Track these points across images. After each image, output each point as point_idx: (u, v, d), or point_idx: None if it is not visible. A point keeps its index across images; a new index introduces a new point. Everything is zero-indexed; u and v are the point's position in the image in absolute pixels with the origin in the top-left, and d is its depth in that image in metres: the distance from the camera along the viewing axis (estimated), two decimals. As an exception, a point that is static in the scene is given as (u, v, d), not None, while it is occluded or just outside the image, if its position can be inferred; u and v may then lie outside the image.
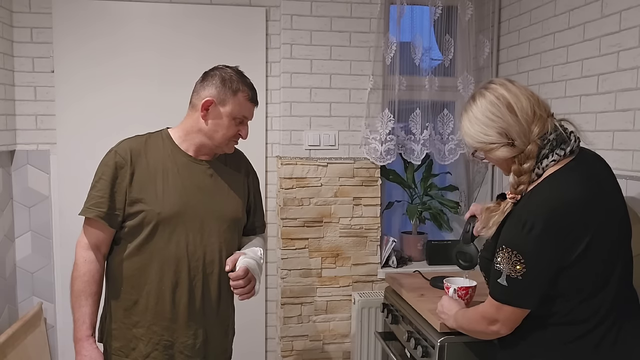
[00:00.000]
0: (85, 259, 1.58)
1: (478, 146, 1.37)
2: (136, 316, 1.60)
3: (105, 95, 2.59)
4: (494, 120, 1.32)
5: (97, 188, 1.57)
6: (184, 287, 1.59)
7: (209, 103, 1.57)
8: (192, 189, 1.61)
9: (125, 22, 2.58)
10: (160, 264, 1.58)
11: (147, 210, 1.55)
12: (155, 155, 1.61)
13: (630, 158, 1.76)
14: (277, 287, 2.75)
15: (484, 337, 1.47)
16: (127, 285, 1.60)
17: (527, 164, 1.31)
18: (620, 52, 1.81)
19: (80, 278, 1.56)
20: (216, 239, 1.63)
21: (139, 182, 1.57)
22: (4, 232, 2.50)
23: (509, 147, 1.32)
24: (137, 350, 1.60)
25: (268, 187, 2.77)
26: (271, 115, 2.74)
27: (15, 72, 2.55)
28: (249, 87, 1.63)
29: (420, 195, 2.87)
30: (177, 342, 1.61)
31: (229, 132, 1.60)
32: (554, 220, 1.23)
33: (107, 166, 1.57)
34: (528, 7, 2.38)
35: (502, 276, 1.29)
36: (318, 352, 2.72)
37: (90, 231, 1.59)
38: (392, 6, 2.62)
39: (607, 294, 1.29)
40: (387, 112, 2.61)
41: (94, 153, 2.59)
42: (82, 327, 1.55)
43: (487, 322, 1.38)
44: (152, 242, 1.57)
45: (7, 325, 2.42)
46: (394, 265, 2.73)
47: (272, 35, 2.70)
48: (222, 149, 1.65)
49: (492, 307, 1.36)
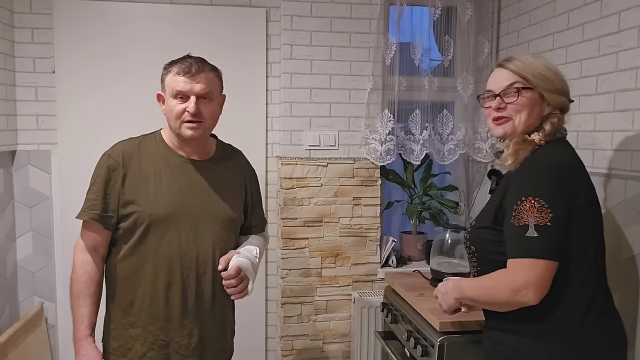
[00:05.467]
0: (83, 260, 1.61)
1: (530, 78, 1.39)
2: (132, 316, 1.62)
3: (106, 96, 2.59)
4: (556, 74, 1.42)
5: (92, 191, 1.61)
6: (177, 287, 1.60)
7: (159, 96, 1.65)
8: (186, 190, 1.62)
9: (126, 23, 2.59)
10: (153, 265, 1.59)
11: (139, 212, 1.57)
12: (148, 157, 1.63)
13: (630, 158, 1.77)
14: (277, 287, 2.75)
15: (504, 308, 1.36)
16: (123, 286, 1.62)
17: (555, 119, 1.40)
18: (620, 52, 1.81)
19: (78, 280, 1.59)
20: (210, 239, 1.63)
21: (132, 184, 1.59)
22: (5, 232, 2.50)
23: (553, 95, 1.40)
24: (134, 350, 1.61)
25: (268, 187, 2.77)
26: (271, 116, 2.74)
27: (16, 73, 2.56)
28: (181, 62, 1.57)
29: (419, 195, 2.88)
30: (172, 342, 1.62)
31: (173, 113, 1.57)
32: (560, 168, 1.31)
33: (101, 169, 1.61)
34: (527, 7, 2.39)
35: (530, 228, 1.28)
36: (318, 352, 2.72)
37: (87, 233, 1.62)
38: (391, 7, 2.63)
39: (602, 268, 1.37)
40: (386, 113, 2.62)
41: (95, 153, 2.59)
42: (81, 327, 1.58)
43: (513, 292, 1.29)
44: (145, 243, 1.59)
45: (8, 324, 2.42)
46: (393, 265, 2.74)
47: (272, 35, 2.70)
48: (181, 134, 1.58)
49: (521, 270, 1.28)
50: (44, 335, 2.58)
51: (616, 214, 1.78)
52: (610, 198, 1.81)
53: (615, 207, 1.79)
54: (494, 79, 1.46)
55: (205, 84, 1.57)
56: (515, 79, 1.40)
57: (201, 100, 1.57)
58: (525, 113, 1.40)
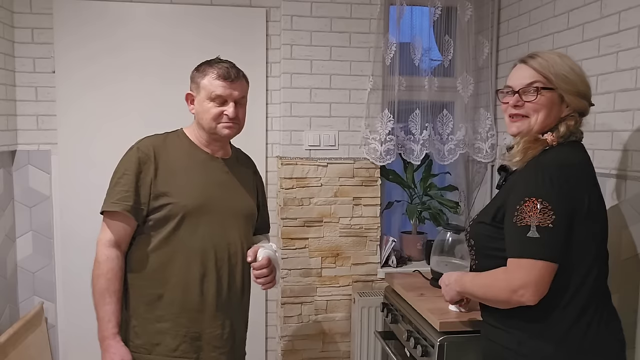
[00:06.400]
0: (108, 256, 1.57)
1: (552, 78, 1.37)
2: (160, 310, 1.60)
3: (106, 96, 2.59)
4: (579, 76, 1.39)
5: (122, 184, 1.57)
6: (211, 278, 1.62)
7: (189, 96, 1.67)
8: (212, 185, 1.67)
9: (126, 23, 2.59)
10: (186, 256, 1.60)
11: (174, 203, 1.58)
12: (174, 152, 1.65)
13: (630, 158, 1.77)
14: (277, 287, 2.75)
15: (503, 306, 1.36)
16: (149, 279, 1.60)
17: (573, 121, 1.39)
18: (620, 52, 1.81)
19: (103, 276, 1.55)
20: (237, 232, 1.69)
21: (163, 176, 1.60)
22: (5, 232, 2.50)
23: (574, 97, 1.38)
24: (163, 345, 1.60)
25: (268, 187, 2.77)
26: (271, 116, 2.74)
27: (16, 73, 2.56)
28: (218, 67, 1.63)
29: (419, 195, 2.88)
30: (204, 333, 1.63)
31: (211, 114, 1.63)
32: (565, 170, 1.30)
33: (130, 162, 1.59)
34: (527, 7, 2.39)
35: (532, 229, 1.27)
36: (318, 352, 2.72)
37: (114, 226, 1.58)
38: (391, 7, 2.63)
39: (602, 270, 1.36)
40: (386, 113, 2.62)
41: (95, 153, 2.62)
42: (108, 326, 1.54)
43: (511, 291, 1.29)
44: (177, 234, 1.60)
45: (8, 324, 2.42)
46: (393, 264, 2.74)
47: (272, 35, 2.70)
48: (217, 133, 1.66)
49: (520, 270, 1.28)
50: (44, 335, 2.58)
51: (616, 214, 1.78)
52: (611, 198, 1.81)
53: (615, 207, 1.79)
54: (515, 75, 1.43)
55: (241, 90, 1.66)
56: (536, 78, 1.37)
57: (237, 104, 1.65)
58: (543, 113, 1.38)
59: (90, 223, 2.57)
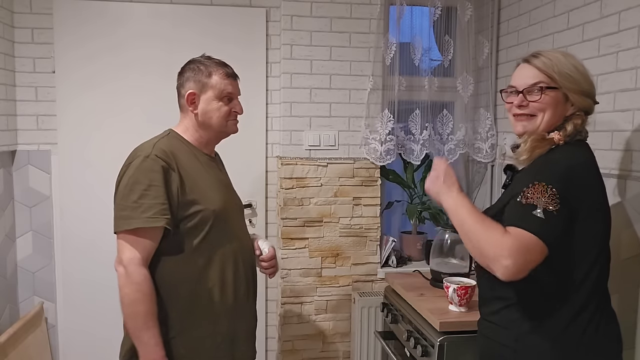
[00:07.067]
0: (145, 276, 1.47)
1: (556, 78, 1.36)
2: (196, 316, 1.56)
3: (106, 96, 2.59)
4: (583, 75, 1.38)
5: (152, 196, 1.47)
6: (241, 275, 1.67)
7: (192, 96, 1.63)
8: (220, 185, 1.70)
9: (126, 23, 2.59)
10: (220, 259, 1.61)
11: (204, 210, 1.56)
12: (184, 156, 1.61)
13: (630, 158, 1.77)
14: (277, 287, 2.75)
15: (479, 259, 1.28)
16: (184, 288, 1.55)
17: (579, 120, 1.38)
18: (620, 52, 1.81)
19: (147, 297, 1.46)
20: (246, 228, 1.78)
21: (188, 184, 1.55)
22: (5, 232, 2.50)
23: (579, 96, 1.37)
24: (203, 349, 1.58)
25: (268, 187, 2.77)
26: (271, 116, 2.74)
27: (16, 73, 2.56)
28: (221, 65, 1.67)
29: (419, 195, 2.88)
30: (239, 329, 1.67)
31: (221, 113, 1.65)
32: (572, 169, 1.30)
33: (154, 172, 1.49)
34: (527, 7, 2.39)
35: (539, 209, 1.24)
36: (318, 352, 2.72)
37: (143, 243, 1.47)
38: (391, 7, 2.63)
39: (603, 271, 1.36)
40: (386, 113, 2.62)
41: (95, 153, 2.62)
42: (157, 349, 1.47)
43: (496, 253, 1.21)
44: (209, 239, 1.58)
45: (8, 324, 2.42)
46: (393, 265, 2.74)
47: (272, 35, 2.70)
48: (227, 131, 1.69)
49: (518, 239, 1.22)
50: (44, 335, 2.58)
51: (616, 214, 1.78)
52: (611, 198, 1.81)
53: (615, 207, 1.79)
54: (519, 75, 1.42)
55: (238, 87, 1.72)
56: (540, 78, 1.37)
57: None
58: (548, 112, 1.37)
59: (90, 223, 2.60)
